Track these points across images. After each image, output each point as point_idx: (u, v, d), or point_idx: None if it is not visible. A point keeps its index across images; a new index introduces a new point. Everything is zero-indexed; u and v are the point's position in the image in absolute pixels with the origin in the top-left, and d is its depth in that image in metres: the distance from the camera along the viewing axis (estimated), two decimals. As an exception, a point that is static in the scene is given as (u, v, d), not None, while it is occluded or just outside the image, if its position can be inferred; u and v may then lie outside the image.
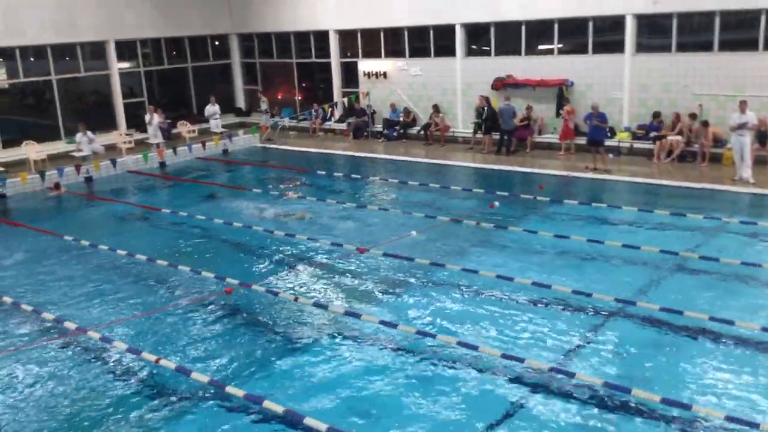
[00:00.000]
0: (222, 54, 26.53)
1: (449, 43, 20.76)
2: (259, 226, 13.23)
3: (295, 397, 7.30)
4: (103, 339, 8.65)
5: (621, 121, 18.06)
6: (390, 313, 9.27)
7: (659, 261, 10.50)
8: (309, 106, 24.35)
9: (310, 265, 11.23)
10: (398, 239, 11.79)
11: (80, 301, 10.22)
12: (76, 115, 22.02)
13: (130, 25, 22.89)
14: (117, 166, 18.61)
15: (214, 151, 20.98)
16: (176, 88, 25.32)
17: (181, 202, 15.63)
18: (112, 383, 7.86)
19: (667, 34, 17.19)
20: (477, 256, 11.21)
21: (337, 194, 15.80)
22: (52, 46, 21.29)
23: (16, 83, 21.20)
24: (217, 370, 7.96)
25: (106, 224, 14.52)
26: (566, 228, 12.13)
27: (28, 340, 8.91)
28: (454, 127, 21.02)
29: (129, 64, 23.75)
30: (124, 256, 11.93)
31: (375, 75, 22.74)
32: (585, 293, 9.18)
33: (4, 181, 16.86)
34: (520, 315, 9.01)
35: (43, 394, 7.68)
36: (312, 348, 8.42)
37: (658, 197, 14.35)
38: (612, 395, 7.00)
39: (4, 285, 10.93)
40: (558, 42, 18.93)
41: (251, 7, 25.28)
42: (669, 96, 17.24)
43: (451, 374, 7.65)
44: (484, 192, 15.03)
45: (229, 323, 9.31)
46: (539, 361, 7.67)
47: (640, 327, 8.59)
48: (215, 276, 10.58)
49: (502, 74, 19.65)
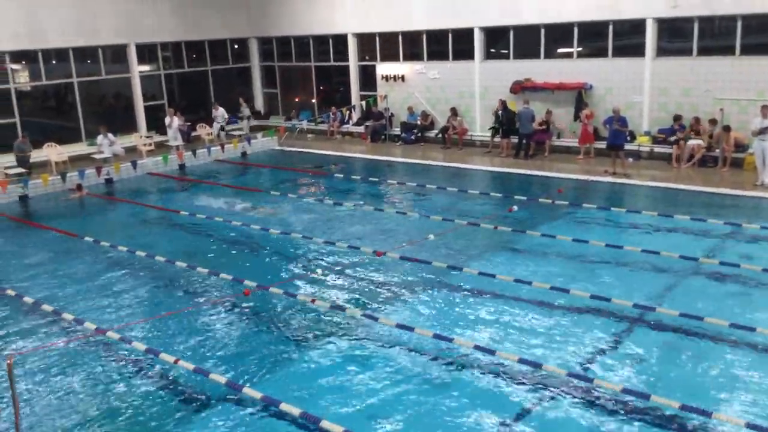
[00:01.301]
0: (241, 57, 26.70)
1: (468, 47, 20.74)
2: (276, 228, 13.29)
3: (312, 399, 7.31)
4: (122, 339, 8.72)
5: (641, 125, 17.94)
6: (407, 316, 9.27)
7: (679, 266, 10.40)
8: (327, 109, 24.43)
9: (327, 267, 11.25)
10: (415, 242, 11.78)
11: (100, 301, 10.31)
12: (97, 118, 22.27)
13: (151, 28, 23.12)
14: (137, 168, 18.77)
15: (233, 154, 21.11)
16: (196, 91, 25.50)
17: (200, 204, 15.74)
18: (131, 384, 7.92)
19: (688, 37, 17.05)
20: (494, 260, 11.17)
21: (354, 197, 15.81)
22: (74, 49, 21.55)
23: (38, 86, 21.47)
24: (234, 372, 7.99)
25: (126, 225, 14.65)
26: (585, 232, 12.05)
27: (48, 340, 9.00)
28: (472, 130, 20.98)
29: (149, 67, 23.97)
30: (143, 257, 12.03)
31: (393, 78, 22.77)
32: (603, 298, 9.11)
33: (26, 182, 17.06)
34: (538, 319, 8.97)
35: (62, 393, 7.75)
36: (329, 351, 8.43)
37: (678, 202, 14.22)
38: (630, 401, 6.94)
39: (26, 285, 11.05)
40: (577, 45, 18.85)
41: (270, 11, 25.43)
42: (690, 100, 17.09)
43: (468, 378, 7.62)
44: (502, 196, 14.99)
45: (247, 325, 9.36)
46: (557, 366, 7.63)
47: (659, 333, 8.51)
48: (233, 278, 10.64)
49: (520, 78, 19.59)
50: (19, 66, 21.02)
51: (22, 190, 16.98)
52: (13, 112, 20.43)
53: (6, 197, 16.60)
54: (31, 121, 20.69)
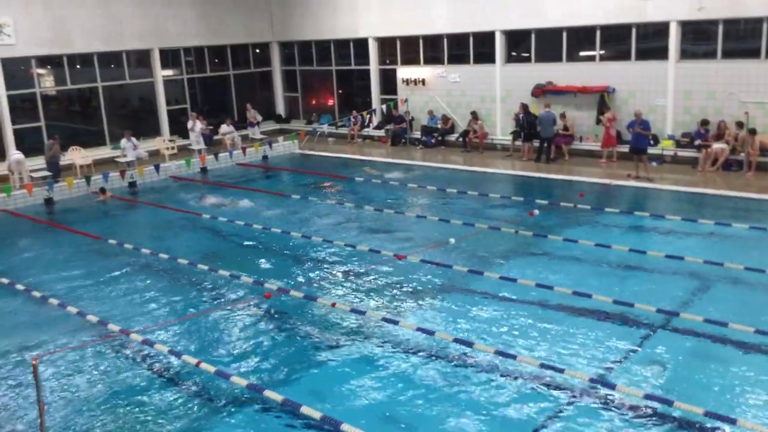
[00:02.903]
0: (263, 62, 26.86)
1: (489, 50, 20.69)
2: (297, 231, 13.34)
3: (332, 402, 7.32)
4: (145, 341, 8.80)
5: (664, 128, 17.76)
6: (427, 320, 9.25)
7: (703, 272, 10.27)
8: (347, 113, 24.49)
9: (348, 270, 11.27)
10: (436, 246, 11.76)
11: (123, 303, 10.43)
12: (121, 122, 22.58)
13: (174, 33, 23.36)
14: (160, 171, 18.94)
15: (254, 158, 21.24)
16: (218, 95, 25.70)
17: (222, 207, 15.84)
18: (153, 385, 7.99)
19: (713, 40, 16.86)
20: (516, 265, 11.12)
21: (375, 201, 15.81)
22: (99, 54, 21.84)
23: (63, 90, 21.77)
24: (255, 374, 8.03)
25: (149, 228, 14.80)
26: (607, 237, 11.95)
27: (73, 342, 9.10)
28: (493, 134, 20.91)
29: (173, 71, 24.21)
30: (165, 259, 12.14)
31: (413, 82, 22.77)
32: (626, 303, 9.02)
33: (51, 185, 17.30)
34: (560, 324, 8.90)
35: (85, 394, 7.83)
36: (349, 354, 8.44)
37: (702, 206, 14.07)
38: (653, 408, 6.87)
39: (51, 287, 11.18)
40: (600, 48, 18.73)
41: (292, 16, 25.56)
42: (714, 103, 16.90)
43: (489, 383, 7.59)
44: (523, 200, 14.92)
45: (268, 328, 9.40)
46: (579, 371, 7.56)
47: (683, 339, 8.41)
48: (254, 281, 10.69)
49: (542, 81, 19.50)
50: (44, 71, 21.33)
51: (47, 193, 17.22)
52: (38, 116, 20.74)
53: (32, 200, 16.85)
54: (56, 125, 20.98)
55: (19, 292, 11.03)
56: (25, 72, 20.61)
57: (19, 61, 20.25)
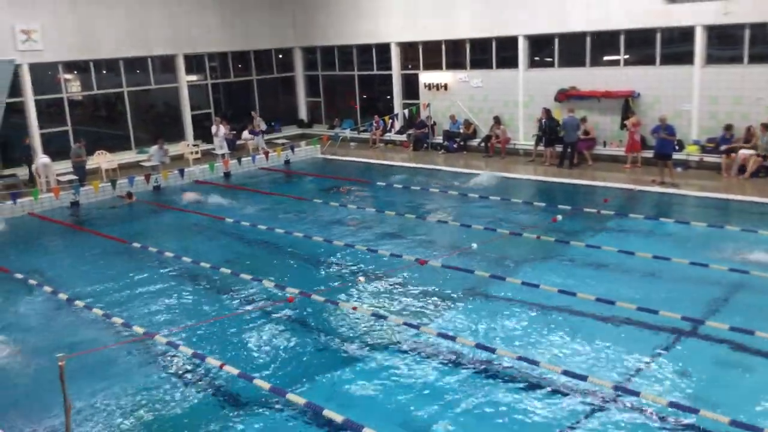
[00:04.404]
0: (286, 67, 27.04)
1: (511, 55, 20.63)
2: (319, 236, 13.39)
3: (353, 406, 7.33)
4: (169, 343, 8.88)
5: (689, 134, 17.57)
6: (448, 325, 9.24)
7: (729, 279, 10.13)
8: (369, 118, 24.55)
9: (369, 275, 11.28)
10: (458, 251, 11.74)
11: (147, 306, 10.54)
12: (146, 126, 22.88)
13: (199, 39, 23.61)
14: (184, 175, 19.13)
15: (277, 162, 21.36)
16: (241, 100, 25.91)
17: (244, 212, 15.96)
18: (177, 387, 8.07)
19: (739, 45, 16.66)
20: (538, 270, 11.06)
21: (397, 205, 15.82)
22: (125, 60, 22.13)
23: (89, 95, 22.08)
24: (277, 377, 8.07)
25: (172, 232, 14.94)
26: (631, 243, 11.83)
27: (98, 343, 9.21)
28: (515, 139, 20.83)
29: (197, 76, 24.46)
30: (188, 263, 12.25)
31: (436, 87, 22.77)
32: (651, 310, 8.93)
33: (77, 189, 17.54)
34: (583, 331, 8.84)
35: (110, 395, 7.92)
36: (370, 358, 8.46)
37: (728, 213, 13.90)
38: (677, 416, 6.79)
39: (76, 290, 11.33)
40: (624, 53, 18.59)
41: (315, 21, 25.70)
42: (740, 109, 16.68)
43: (511, 390, 7.55)
44: (546, 205, 14.84)
45: (290, 331, 9.45)
46: (602, 378, 7.50)
47: (709, 346, 8.31)
48: (275, 285, 10.75)
49: (565, 86, 19.40)
50: (71, 76, 21.66)
51: (73, 197, 17.47)
52: (65, 120, 21.06)
53: (58, 203, 17.10)
54: (82, 129, 21.29)
55: (46, 293, 11.21)
56: (53, 77, 20.94)
57: (47, 66, 20.59)
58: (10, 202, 16.35)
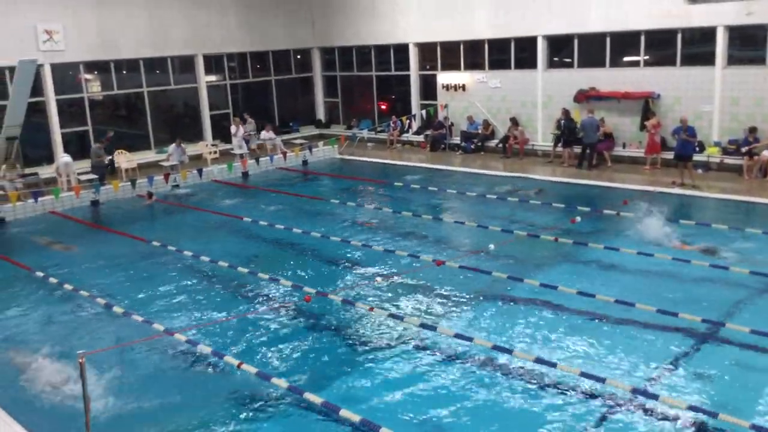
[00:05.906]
0: (304, 67, 27.13)
1: (530, 55, 20.56)
2: (336, 236, 13.41)
3: (371, 406, 7.34)
4: (189, 341, 8.95)
5: (710, 135, 17.40)
6: (466, 326, 9.22)
7: (750, 282, 10.03)
8: (387, 119, 24.56)
9: (386, 275, 11.28)
10: (475, 252, 11.71)
11: (167, 304, 10.63)
12: (166, 126, 23.05)
13: (218, 40, 23.76)
14: (203, 175, 19.24)
15: (295, 162, 21.43)
16: (260, 100, 26.03)
17: (262, 211, 16.03)
18: (196, 385, 8.12)
19: (761, 45, 16.47)
20: (556, 272, 11.00)
21: (414, 206, 15.81)
22: (145, 60, 22.32)
23: (109, 95, 22.29)
24: (295, 376, 8.09)
25: (191, 231, 15.01)
26: (650, 245, 11.73)
27: (118, 341, 9.29)
28: (534, 140, 20.74)
29: (216, 77, 24.61)
30: (207, 262, 12.32)
31: (453, 87, 22.73)
32: (670, 313, 8.86)
33: (98, 188, 17.70)
34: (602, 333, 8.79)
35: (129, 392, 7.98)
36: (387, 359, 8.46)
37: (749, 215, 13.75)
38: (697, 419, 6.73)
39: (98, 288, 11.44)
40: (644, 54, 18.45)
41: (333, 22, 25.77)
42: (762, 110, 16.50)
43: (528, 391, 7.53)
44: (564, 206, 14.75)
45: (307, 331, 9.48)
46: (621, 381, 7.45)
47: (729, 349, 8.23)
48: (293, 284, 10.79)
49: (584, 86, 19.30)
50: (92, 76, 21.87)
51: (93, 196, 17.64)
52: (86, 120, 21.27)
53: (79, 201, 17.27)
54: (103, 129, 21.47)
55: (68, 291, 11.32)
56: (74, 77, 21.17)
57: (68, 66, 20.82)
58: (32, 200, 16.53)
